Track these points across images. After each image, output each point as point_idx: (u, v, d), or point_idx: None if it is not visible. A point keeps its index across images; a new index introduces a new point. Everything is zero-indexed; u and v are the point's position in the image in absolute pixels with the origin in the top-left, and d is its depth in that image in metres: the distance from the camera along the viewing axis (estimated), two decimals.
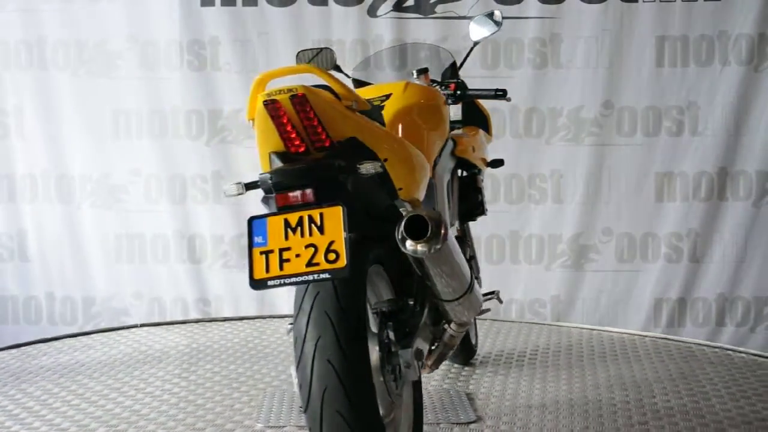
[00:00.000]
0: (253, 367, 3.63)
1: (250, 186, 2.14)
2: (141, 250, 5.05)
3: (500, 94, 3.25)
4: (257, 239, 1.97)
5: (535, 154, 4.89)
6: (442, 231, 2.16)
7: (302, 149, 2.12)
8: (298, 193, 2.06)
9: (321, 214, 1.99)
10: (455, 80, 3.29)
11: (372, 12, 4.89)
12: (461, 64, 3.44)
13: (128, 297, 5.05)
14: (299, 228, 1.98)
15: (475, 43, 3.46)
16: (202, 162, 4.96)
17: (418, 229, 2.15)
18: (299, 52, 2.82)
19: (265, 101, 2.05)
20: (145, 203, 5.02)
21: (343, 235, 1.97)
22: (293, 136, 2.10)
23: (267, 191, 2.10)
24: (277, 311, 4.86)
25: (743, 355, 3.89)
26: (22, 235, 5.06)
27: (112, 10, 4.90)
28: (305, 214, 2.00)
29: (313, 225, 1.98)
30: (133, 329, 4.30)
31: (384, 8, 4.88)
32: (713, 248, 4.88)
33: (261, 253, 1.96)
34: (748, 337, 4.86)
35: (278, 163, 2.13)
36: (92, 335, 4.20)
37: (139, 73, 4.84)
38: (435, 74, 3.30)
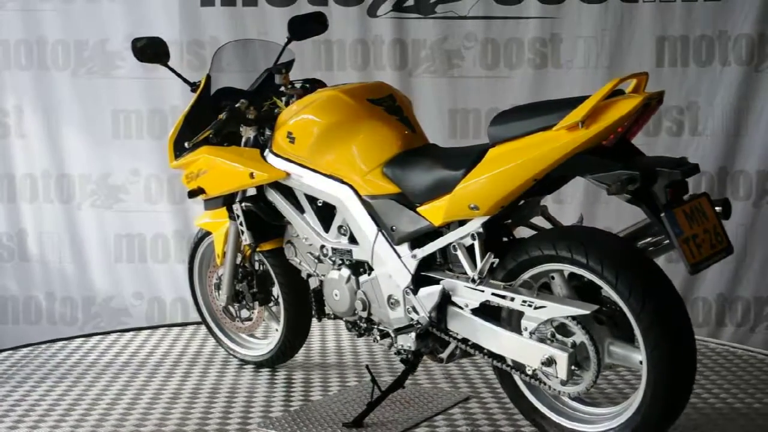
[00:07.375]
0: (252, 369, 3.62)
1: (629, 182, 2.38)
2: (141, 250, 5.05)
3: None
4: (675, 229, 2.28)
5: None
6: None
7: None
8: (685, 187, 2.34)
9: (700, 203, 2.35)
10: (315, 79, 3.29)
11: (372, 12, 4.88)
12: (275, 63, 3.38)
13: (128, 297, 5.06)
14: (694, 217, 2.32)
15: (289, 42, 3.39)
16: None
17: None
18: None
19: (647, 102, 2.36)
20: (145, 203, 5.02)
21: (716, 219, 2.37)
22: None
23: (648, 184, 2.34)
24: None
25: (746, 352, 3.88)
26: (22, 235, 5.07)
27: (112, 10, 4.91)
28: (693, 204, 2.34)
29: (699, 213, 2.33)
30: (133, 331, 4.29)
31: (384, 8, 4.87)
32: None
33: (683, 241, 2.28)
34: (749, 337, 4.86)
35: (593, 161, 2.46)
36: (92, 337, 4.19)
37: (139, 73, 4.84)
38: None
